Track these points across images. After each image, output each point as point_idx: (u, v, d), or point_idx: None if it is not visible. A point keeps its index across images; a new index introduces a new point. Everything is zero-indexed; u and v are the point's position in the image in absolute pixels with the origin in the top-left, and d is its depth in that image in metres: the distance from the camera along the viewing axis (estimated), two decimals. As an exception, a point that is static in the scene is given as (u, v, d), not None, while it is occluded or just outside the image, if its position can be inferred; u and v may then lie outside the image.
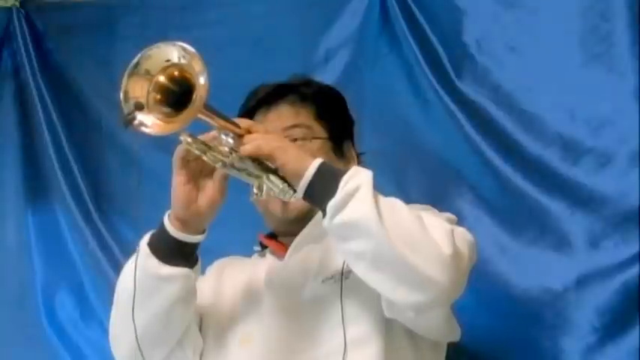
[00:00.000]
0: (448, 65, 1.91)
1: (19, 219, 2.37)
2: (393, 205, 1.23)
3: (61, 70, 2.40)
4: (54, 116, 2.37)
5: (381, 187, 1.25)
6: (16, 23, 2.41)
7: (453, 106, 1.88)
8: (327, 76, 1.99)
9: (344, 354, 1.32)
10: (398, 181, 1.94)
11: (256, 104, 1.52)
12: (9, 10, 2.42)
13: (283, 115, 1.50)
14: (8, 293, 2.34)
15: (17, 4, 2.42)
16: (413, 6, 1.96)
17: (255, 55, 2.14)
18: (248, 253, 1.60)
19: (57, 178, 2.34)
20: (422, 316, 1.27)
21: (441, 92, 1.90)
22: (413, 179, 1.95)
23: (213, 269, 1.58)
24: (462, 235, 1.31)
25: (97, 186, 2.33)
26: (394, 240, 1.17)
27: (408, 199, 1.49)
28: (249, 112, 1.52)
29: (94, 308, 2.25)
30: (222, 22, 2.24)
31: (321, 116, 1.52)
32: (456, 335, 1.42)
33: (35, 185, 2.38)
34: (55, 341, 2.29)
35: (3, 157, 2.41)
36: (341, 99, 1.59)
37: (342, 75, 2.06)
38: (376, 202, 1.19)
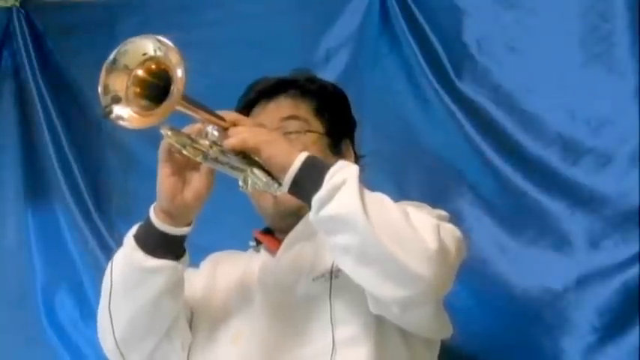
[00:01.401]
0: (448, 65, 1.91)
1: (19, 219, 2.38)
2: (379, 199, 1.23)
3: (61, 70, 2.40)
4: (54, 116, 2.37)
5: (380, 187, 1.25)
6: (16, 23, 2.42)
7: (453, 106, 1.88)
8: (327, 76, 1.97)
9: (332, 353, 1.31)
10: (398, 181, 1.94)
11: (257, 96, 1.52)
12: (9, 10, 2.43)
13: (282, 106, 1.50)
14: (8, 293, 2.34)
15: (17, 4, 2.43)
16: (413, 6, 1.96)
17: (255, 55, 2.14)
18: (244, 249, 1.60)
19: (57, 178, 2.34)
20: (408, 312, 1.26)
21: (441, 92, 1.90)
22: (413, 179, 1.95)
23: (207, 263, 1.57)
24: (450, 231, 1.30)
25: (96, 186, 2.33)
26: (380, 235, 1.17)
27: (408, 199, 1.49)
28: (249, 103, 1.52)
29: (93, 308, 2.23)
30: (222, 21, 2.25)
31: (320, 112, 1.51)
32: (446, 332, 1.40)
33: (35, 185, 2.38)
34: (55, 341, 2.30)
35: (3, 157, 2.41)
36: (343, 97, 1.59)
37: (342, 75, 2.05)
38: (362, 196, 1.18)
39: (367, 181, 1.50)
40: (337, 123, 1.53)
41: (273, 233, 1.53)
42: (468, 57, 1.89)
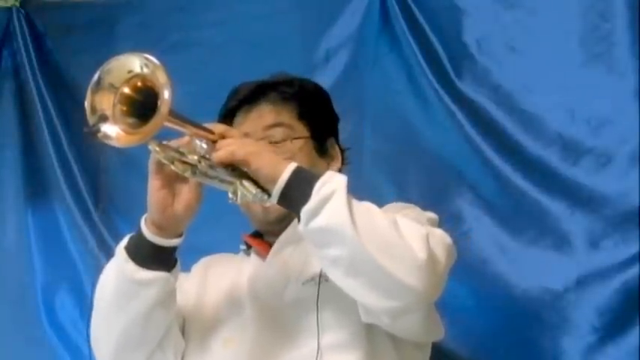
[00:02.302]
0: (448, 65, 1.91)
1: (19, 219, 2.38)
2: (368, 210, 1.22)
3: (61, 70, 2.40)
4: (54, 116, 2.37)
5: (380, 187, 1.25)
6: (16, 23, 2.42)
7: (453, 106, 1.88)
8: (327, 76, 1.99)
9: (317, 357, 1.31)
10: (398, 181, 1.94)
11: (238, 103, 1.51)
12: (9, 10, 2.43)
13: (264, 113, 1.48)
14: (8, 293, 2.35)
15: (17, 4, 2.43)
16: (413, 6, 1.96)
17: (255, 55, 2.14)
18: (238, 251, 1.60)
19: (57, 178, 2.34)
20: (398, 321, 1.26)
21: (441, 92, 1.90)
22: (413, 179, 1.94)
23: (198, 268, 1.57)
24: (439, 238, 1.29)
25: (96, 185, 2.33)
26: (368, 246, 1.17)
27: (408, 199, 1.49)
28: (231, 110, 1.51)
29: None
30: (222, 22, 2.24)
31: (303, 115, 1.50)
32: (437, 335, 1.40)
33: (35, 185, 2.38)
34: (55, 341, 2.30)
35: (3, 157, 2.41)
36: (324, 97, 1.57)
37: (342, 75, 2.06)
38: (350, 208, 1.18)
39: (367, 181, 1.51)
40: (321, 123, 1.52)
41: (263, 236, 1.53)
42: (468, 57, 1.89)
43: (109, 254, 2.20)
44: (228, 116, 1.50)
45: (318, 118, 1.52)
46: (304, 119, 1.50)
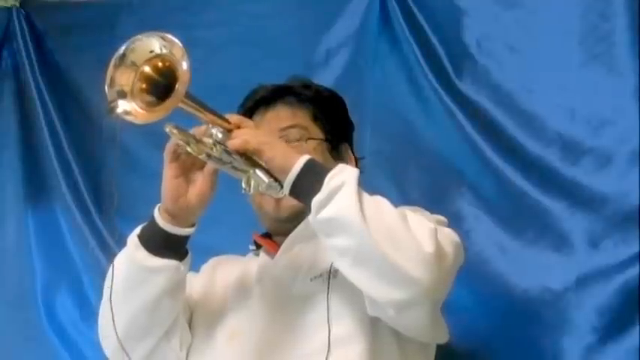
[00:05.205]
0: (448, 65, 1.91)
1: (19, 219, 2.38)
2: (377, 202, 1.24)
3: (61, 70, 2.41)
4: (54, 116, 2.37)
5: (380, 187, 1.26)
6: (16, 23, 2.42)
7: (453, 106, 1.88)
8: (327, 76, 1.99)
9: (328, 352, 1.32)
10: (398, 181, 1.94)
11: (255, 104, 1.54)
12: (9, 10, 2.43)
13: (281, 115, 1.51)
14: (8, 293, 2.35)
15: (17, 4, 2.43)
16: (413, 6, 1.96)
17: (255, 55, 2.15)
18: (245, 251, 1.61)
19: (57, 178, 2.35)
20: (403, 314, 1.27)
21: (441, 92, 1.90)
22: (413, 179, 1.94)
23: (207, 267, 1.59)
24: (448, 235, 1.31)
25: (96, 186, 2.33)
26: (376, 237, 1.18)
27: (408, 199, 1.50)
28: (247, 111, 1.53)
29: (93, 308, 2.25)
30: (223, 22, 2.25)
31: (319, 118, 1.53)
32: (442, 337, 1.41)
33: (35, 185, 2.38)
34: (55, 341, 2.30)
35: (3, 157, 2.42)
36: (340, 102, 1.60)
37: (342, 75, 2.06)
38: (360, 199, 1.20)
39: (367, 182, 1.51)
40: (336, 128, 1.55)
41: (272, 237, 1.54)
42: (468, 57, 1.89)
43: (109, 255, 2.23)
44: (245, 116, 1.51)
45: (333, 121, 1.55)
46: (319, 122, 1.52)
